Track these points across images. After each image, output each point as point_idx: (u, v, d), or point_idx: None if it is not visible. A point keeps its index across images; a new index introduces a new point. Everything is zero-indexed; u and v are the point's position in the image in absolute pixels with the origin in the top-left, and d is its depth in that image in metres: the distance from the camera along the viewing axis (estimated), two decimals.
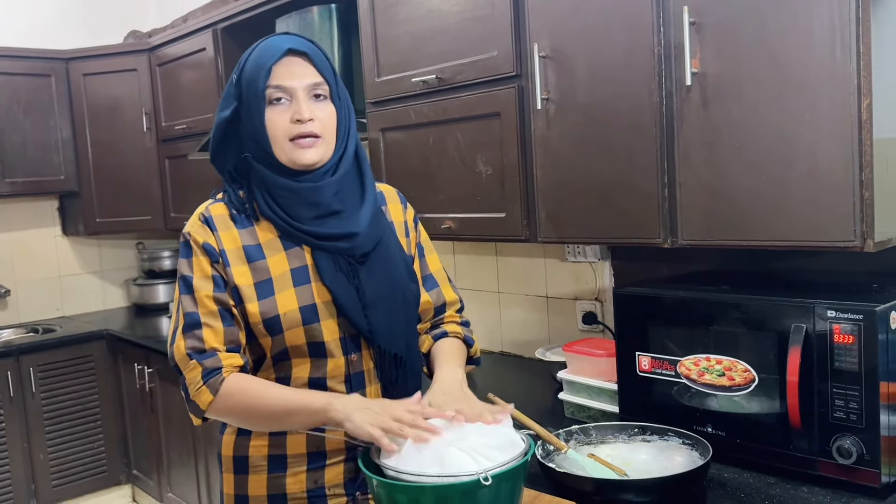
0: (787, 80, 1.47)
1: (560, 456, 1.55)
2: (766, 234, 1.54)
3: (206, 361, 1.34)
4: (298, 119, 1.34)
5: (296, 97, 1.35)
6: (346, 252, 1.39)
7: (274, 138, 1.36)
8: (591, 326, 2.38)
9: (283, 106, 1.35)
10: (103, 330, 3.85)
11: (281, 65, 1.35)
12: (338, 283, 1.37)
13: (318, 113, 1.36)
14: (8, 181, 3.76)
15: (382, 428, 1.21)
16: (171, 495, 3.60)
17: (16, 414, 3.58)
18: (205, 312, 1.36)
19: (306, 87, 1.35)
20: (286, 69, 1.35)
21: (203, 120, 3.41)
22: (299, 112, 1.34)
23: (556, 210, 1.94)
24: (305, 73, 1.36)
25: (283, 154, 1.36)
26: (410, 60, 2.29)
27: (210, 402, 1.33)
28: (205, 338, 1.35)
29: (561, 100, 1.89)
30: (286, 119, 1.35)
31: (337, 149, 1.40)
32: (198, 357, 1.34)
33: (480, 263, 2.77)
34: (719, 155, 1.59)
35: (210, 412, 1.35)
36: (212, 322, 1.36)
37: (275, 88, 1.35)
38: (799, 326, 1.45)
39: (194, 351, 1.35)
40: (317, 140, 1.36)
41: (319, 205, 1.38)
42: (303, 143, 1.35)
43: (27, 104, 3.79)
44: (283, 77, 1.35)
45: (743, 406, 1.56)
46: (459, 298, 1.62)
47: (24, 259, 4.16)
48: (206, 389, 1.33)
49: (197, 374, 1.34)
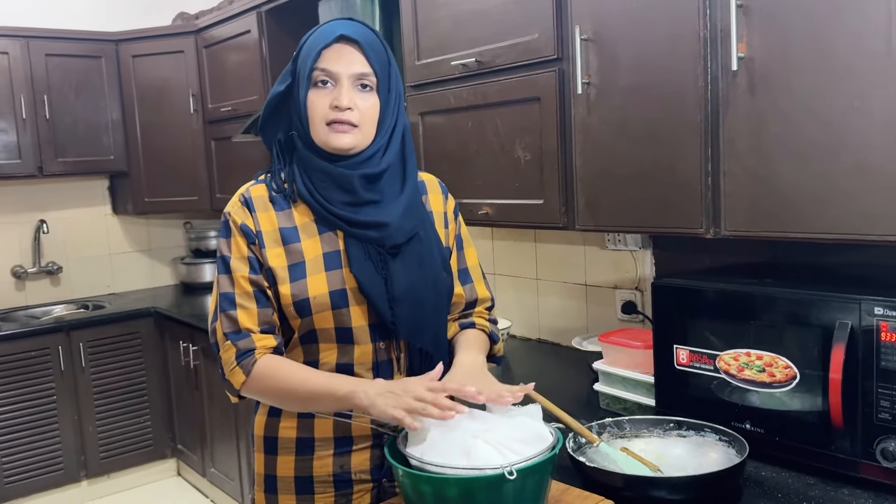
0: (837, 67, 1.40)
1: (592, 449, 1.52)
2: (811, 227, 1.48)
3: (240, 343, 1.36)
4: (337, 105, 1.34)
5: (339, 83, 1.35)
6: (376, 241, 1.39)
7: (312, 120, 1.37)
8: (631, 316, 2.34)
9: (326, 90, 1.36)
10: (151, 307, 3.94)
11: (331, 49, 1.36)
12: (365, 272, 1.37)
13: (360, 102, 1.36)
14: (60, 160, 3.85)
15: (406, 409, 1.20)
16: (213, 471, 3.67)
17: (66, 387, 3.69)
18: (240, 293, 1.38)
19: (351, 76, 1.35)
20: (335, 54, 1.36)
21: (247, 102, 3.44)
22: (339, 98, 1.34)
23: (596, 197, 1.90)
24: (353, 60, 1.36)
25: (319, 136, 1.37)
26: (450, 43, 2.26)
27: (243, 382, 1.37)
28: (239, 319, 1.37)
29: (602, 84, 1.84)
30: (326, 103, 1.35)
31: (377, 140, 1.39)
32: (233, 338, 1.37)
33: (519, 250, 2.74)
34: (765, 143, 1.53)
35: (244, 391, 1.39)
36: (247, 303, 1.38)
37: (320, 71, 1.35)
38: (844, 323, 1.39)
39: (230, 331, 1.37)
40: (353, 128, 1.35)
41: (352, 192, 1.38)
42: (338, 128, 1.35)
43: (78, 85, 3.87)
44: (330, 61, 1.35)
45: (783, 403, 1.51)
46: (492, 297, 1.61)
47: (76, 237, 4.27)
48: (240, 370, 1.36)
49: (231, 355, 1.36)
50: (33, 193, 4.12)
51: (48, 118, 3.77)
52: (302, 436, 1.45)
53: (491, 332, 1.56)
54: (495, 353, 1.57)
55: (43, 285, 4.19)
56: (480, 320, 1.56)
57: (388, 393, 1.24)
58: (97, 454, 3.81)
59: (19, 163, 3.73)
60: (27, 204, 4.10)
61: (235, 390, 1.39)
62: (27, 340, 3.59)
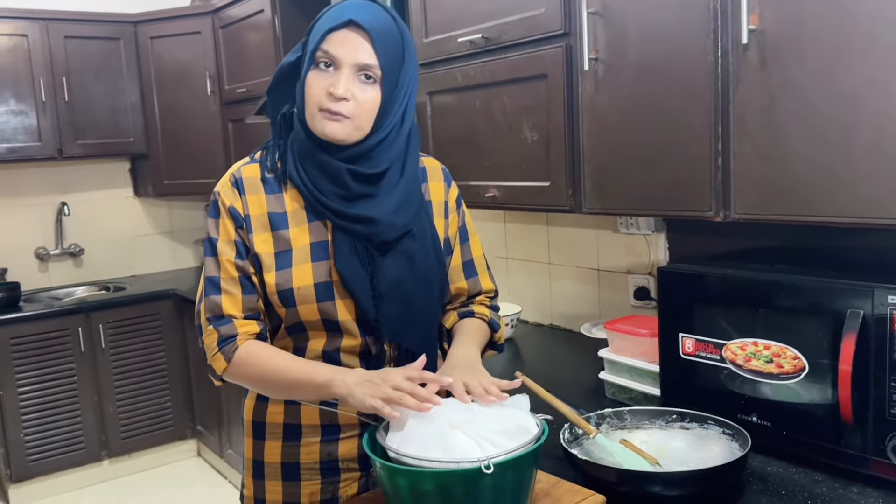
0: (854, 39, 1.31)
1: (589, 441, 1.46)
2: (825, 210, 1.39)
3: (222, 328, 1.33)
4: (332, 92, 1.26)
5: (340, 70, 1.27)
6: (363, 237, 1.33)
7: (307, 102, 1.30)
8: (644, 302, 2.26)
9: (326, 73, 1.28)
10: (171, 289, 3.95)
11: (338, 34, 1.27)
12: (349, 267, 1.31)
13: (358, 94, 1.27)
14: (80, 143, 3.87)
15: (383, 398, 1.16)
16: (230, 452, 3.69)
17: (86, 368, 3.72)
18: (226, 278, 1.34)
19: (354, 65, 1.27)
20: (341, 39, 1.27)
21: (262, 83, 3.40)
22: (335, 86, 1.26)
23: (603, 179, 1.83)
24: (358, 49, 1.27)
25: (310, 120, 1.30)
26: (458, 19, 2.19)
27: (224, 368, 1.33)
28: (223, 304, 1.33)
29: (610, 60, 1.76)
30: (323, 87, 1.27)
31: (376, 133, 1.31)
32: (215, 323, 1.33)
33: (531, 233, 2.67)
34: (777, 121, 1.44)
35: (226, 377, 1.35)
36: (231, 289, 1.34)
37: (323, 53, 1.28)
38: (855, 312, 1.31)
39: (213, 316, 1.34)
40: (345, 119, 1.27)
41: (344, 186, 1.32)
42: (330, 117, 1.27)
43: (97, 67, 3.88)
44: (335, 46, 1.27)
45: (791, 395, 1.44)
46: (496, 289, 1.55)
47: (98, 219, 4.30)
48: (221, 356, 1.33)
49: (213, 340, 1.33)
50: (55, 175, 4.15)
51: (67, 101, 3.79)
52: (289, 421, 1.42)
53: (490, 320, 1.50)
54: (496, 341, 1.51)
55: (65, 267, 4.23)
56: (480, 308, 1.50)
57: (367, 382, 1.20)
58: (118, 434, 3.85)
59: (39, 145, 3.75)
60: (49, 186, 4.14)
61: (217, 375, 1.36)
62: (48, 321, 3.63)
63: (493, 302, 1.53)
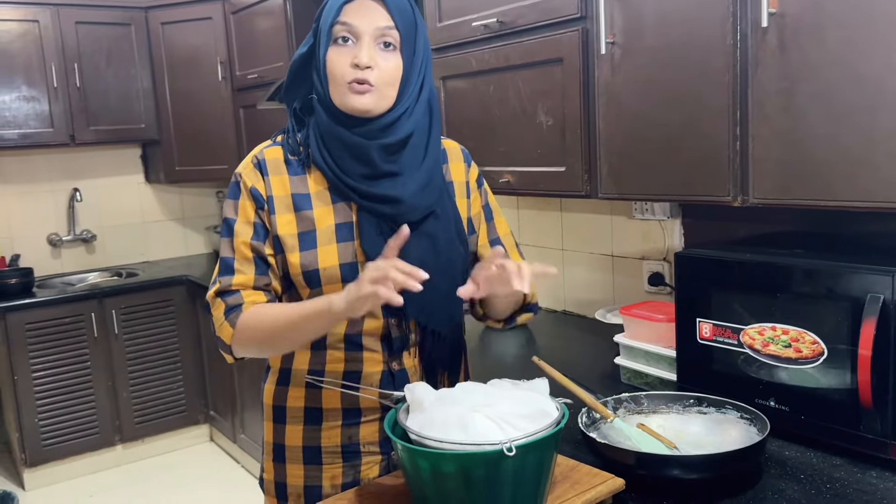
0: (876, 20, 1.30)
1: (606, 425, 1.46)
2: (845, 195, 1.38)
3: (229, 299, 1.34)
4: (357, 63, 1.27)
5: (361, 40, 1.28)
6: (388, 217, 1.33)
7: (332, 78, 1.31)
8: (658, 288, 2.26)
9: (346, 47, 1.29)
10: (183, 276, 3.97)
11: (353, 4, 1.29)
12: (376, 248, 1.31)
13: (381, 62, 1.29)
14: (92, 129, 3.87)
15: (370, 281, 1.15)
16: (243, 436, 3.71)
17: (100, 354, 3.75)
18: (239, 258, 1.35)
19: (373, 31, 1.28)
20: (357, 8, 1.29)
21: (274, 69, 3.40)
22: (359, 56, 1.27)
23: (619, 164, 1.82)
24: (375, 15, 1.29)
25: (338, 96, 1.31)
26: (472, 3, 2.18)
27: (231, 335, 1.33)
28: (234, 282, 1.34)
29: (627, 43, 1.75)
30: (346, 61, 1.29)
31: (399, 104, 1.32)
32: (223, 296, 1.35)
33: (544, 219, 2.67)
34: (796, 104, 1.43)
35: (235, 346, 1.34)
36: (244, 269, 1.35)
37: (341, 25, 1.29)
38: (875, 296, 1.30)
39: (222, 292, 1.35)
40: (371, 88, 1.29)
41: (369, 163, 1.32)
42: (356, 88, 1.28)
43: (109, 53, 3.88)
44: (352, 15, 1.29)
45: (810, 380, 1.43)
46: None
47: (110, 205, 4.32)
48: (227, 324, 1.33)
49: (221, 311, 1.34)
50: (67, 162, 4.16)
51: (79, 87, 3.79)
52: (310, 405, 1.42)
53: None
54: (529, 300, 1.48)
55: (78, 253, 4.25)
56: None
57: (352, 286, 1.19)
58: (132, 419, 3.88)
59: (52, 131, 3.77)
60: (61, 172, 4.15)
61: (227, 346, 1.35)
62: (62, 307, 3.65)
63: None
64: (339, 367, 1.39)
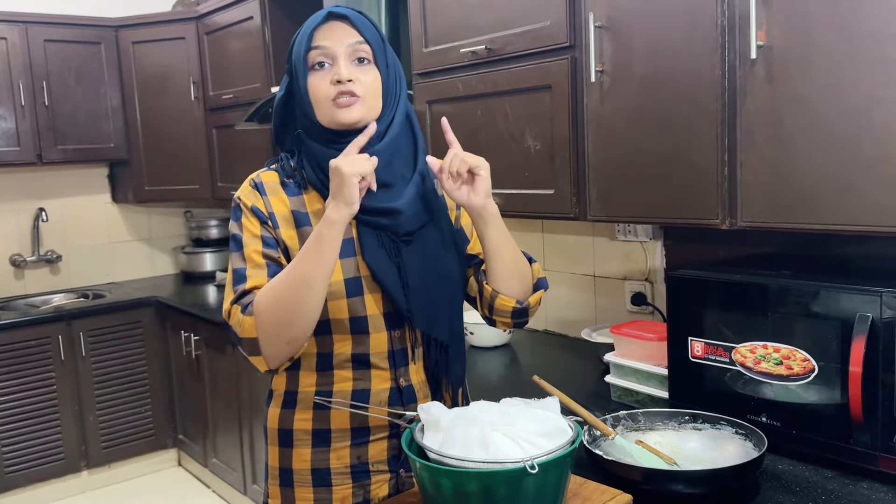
0: (860, 55, 1.38)
1: (607, 442, 1.50)
2: (832, 219, 1.46)
3: (243, 300, 1.32)
4: (338, 80, 1.33)
5: (337, 61, 1.34)
6: (388, 229, 1.37)
7: (316, 102, 1.35)
8: (641, 308, 2.32)
9: (324, 70, 1.35)
10: (152, 297, 3.91)
11: (323, 29, 1.36)
12: (378, 260, 1.35)
13: (360, 76, 1.35)
14: (59, 148, 3.81)
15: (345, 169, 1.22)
16: (215, 461, 3.66)
17: (67, 377, 3.66)
18: (252, 266, 1.34)
19: (346, 49, 1.34)
20: (327, 32, 1.35)
21: (250, 90, 3.40)
22: (339, 73, 1.33)
23: (608, 187, 1.88)
24: (346, 34, 1.35)
25: (325, 116, 1.35)
26: (459, 30, 2.23)
27: (253, 324, 1.28)
28: (248, 286, 1.32)
29: (616, 72, 1.81)
30: (327, 82, 1.34)
31: (384, 115, 1.38)
32: (238, 301, 1.32)
33: (526, 240, 2.72)
34: (784, 133, 1.51)
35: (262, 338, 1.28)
36: (256, 273, 1.33)
37: (316, 50, 1.35)
38: (864, 316, 1.37)
39: (238, 299, 1.32)
40: (357, 99, 1.34)
41: None
42: (342, 102, 1.33)
43: (78, 72, 3.83)
44: (323, 38, 1.35)
45: (800, 396, 1.50)
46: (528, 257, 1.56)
47: (76, 225, 4.24)
48: (246, 318, 1.28)
49: (237, 313, 1.30)
50: (32, 181, 4.08)
51: (47, 105, 3.73)
52: (318, 427, 1.43)
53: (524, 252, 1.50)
54: (536, 276, 1.51)
55: (42, 274, 4.15)
56: None
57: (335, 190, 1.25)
58: (98, 444, 3.79)
59: (18, 150, 3.69)
60: (26, 192, 4.07)
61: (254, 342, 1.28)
62: (27, 329, 3.56)
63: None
64: (348, 387, 1.40)
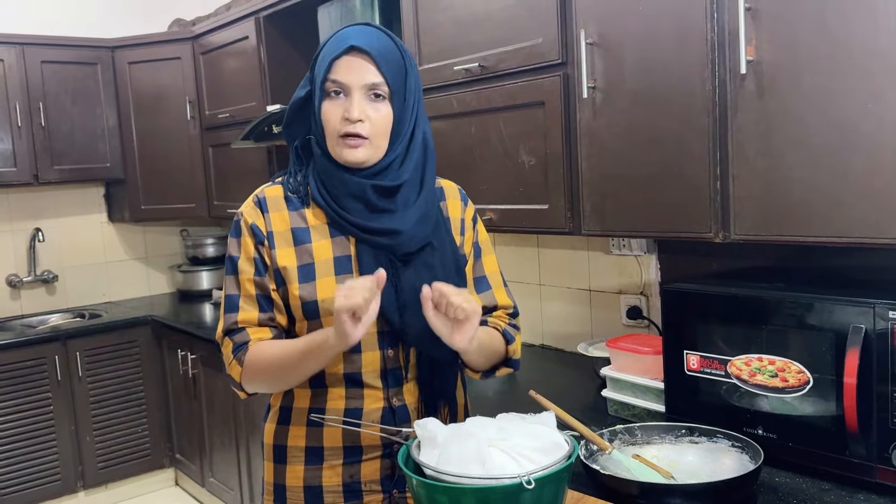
0: (849, 69, 1.40)
1: (604, 456, 1.51)
2: (823, 231, 1.47)
3: (236, 337, 1.40)
4: (347, 117, 1.34)
5: (351, 95, 1.34)
6: (387, 249, 1.38)
7: (327, 129, 1.37)
8: (636, 321, 2.32)
9: (338, 100, 1.35)
10: (148, 316, 3.91)
11: (342, 61, 1.34)
12: None
13: (371, 113, 1.34)
14: (56, 168, 3.82)
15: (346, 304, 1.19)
16: (212, 480, 3.64)
17: (63, 397, 3.65)
18: (244, 296, 1.41)
19: (362, 87, 1.34)
20: (346, 65, 1.34)
21: (246, 109, 3.42)
22: (349, 111, 1.33)
23: (602, 202, 1.89)
24: (364, 72, 1.34)
25: (332, 149, 1.38)
26: (453, 48, 2.25)
27: (240, 373, 1.39)
28: (239, 319, 1.40)
29: (608, 88, 1.83)
30: (338, 114, 1.35)
31: (391, 151, 1.38)
32: (231, 335, 1.41)
33: (521, 255, 2.73)
34: (775, 147, 1.52)
35: (245, 382, 1.41)
36: (248, 306, 1.40)
37: (331, 83, 1.35)
38: (858, 327, 1.38)
39: (229, 331, 1.41)
40: (363, 141, 1.35)
41: (367, 202, 1.37)
42: (349, 143, 1.35)
43: (75, 92, 3.84)
44: (342, 73, 1.34)
45: (796, 408, 1.50)
46: (514, 304, 1.55)
47: (72, 245, 4.23)
48: (236, 363, 1.40)
49: (229, 350, 1.41)
50: (29, 201, 4.08)
51: (44, 125, 3.74)
52: (311, 444, 1.43)
53: (504, 330, 1.48)
54: (510, 356, 1.49)
55: (38, 294, 4.15)
56: (494, 320, 1.50)
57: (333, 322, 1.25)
58: (94, 464, 3.77)
59: (15, 171, 3.70)
60: (22, 212, 4.07)
61: (238, 384, 1.42)
62: (23, 350, 3.55)
63: (512, 320, 1.54)
64: (340, 405, 1.41)
